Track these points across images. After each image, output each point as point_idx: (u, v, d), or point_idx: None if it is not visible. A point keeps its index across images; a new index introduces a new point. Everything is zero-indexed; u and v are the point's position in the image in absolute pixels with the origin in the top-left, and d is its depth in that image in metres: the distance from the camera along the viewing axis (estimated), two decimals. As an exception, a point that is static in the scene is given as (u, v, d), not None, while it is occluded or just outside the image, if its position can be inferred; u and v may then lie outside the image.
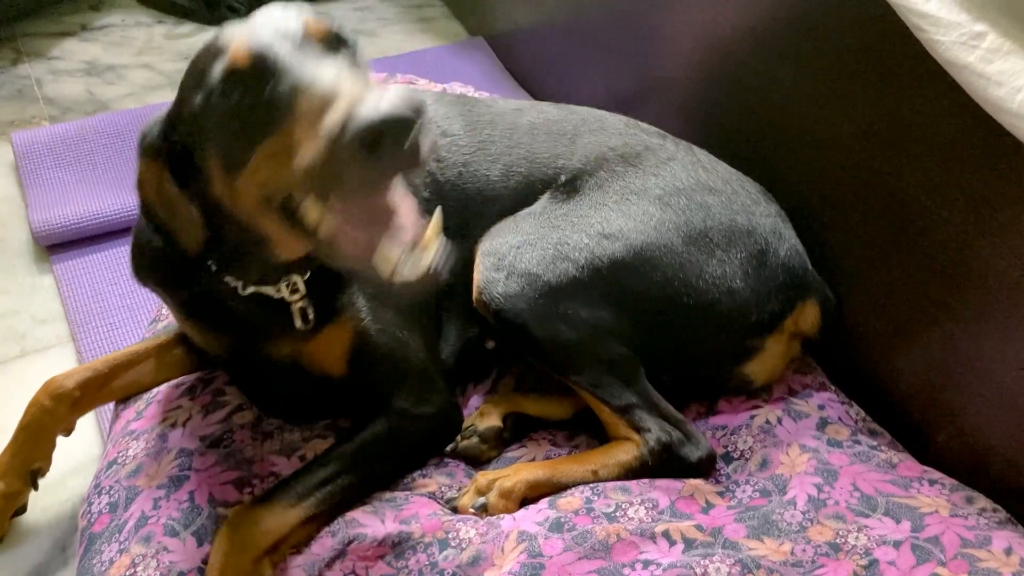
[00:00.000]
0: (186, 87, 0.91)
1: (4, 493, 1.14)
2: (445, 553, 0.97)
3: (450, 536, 0.99)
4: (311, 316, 1.04)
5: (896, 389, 1.19)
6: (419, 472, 1.12)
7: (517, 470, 1.09)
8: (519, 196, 1.20)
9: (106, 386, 1.19)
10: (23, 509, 1.18)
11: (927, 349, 1.14)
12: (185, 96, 0.90)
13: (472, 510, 1.06)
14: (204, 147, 0.90)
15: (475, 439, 1.16)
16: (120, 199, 1.68)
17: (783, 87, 1.28)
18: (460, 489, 1.10)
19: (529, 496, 1.06)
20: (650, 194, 1.16)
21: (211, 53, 0.87)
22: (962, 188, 1.04)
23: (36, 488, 1.16)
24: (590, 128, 1.24)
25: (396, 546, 0.98)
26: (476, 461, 1.16)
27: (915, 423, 1.17)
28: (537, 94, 2.02)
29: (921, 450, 1.13)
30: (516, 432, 1.20)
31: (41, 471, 1.16)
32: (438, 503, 1.08)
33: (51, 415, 1.14)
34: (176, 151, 0.93)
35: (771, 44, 1.29)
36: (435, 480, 1.11)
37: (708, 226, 1.13)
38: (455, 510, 1.07)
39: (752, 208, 1.18)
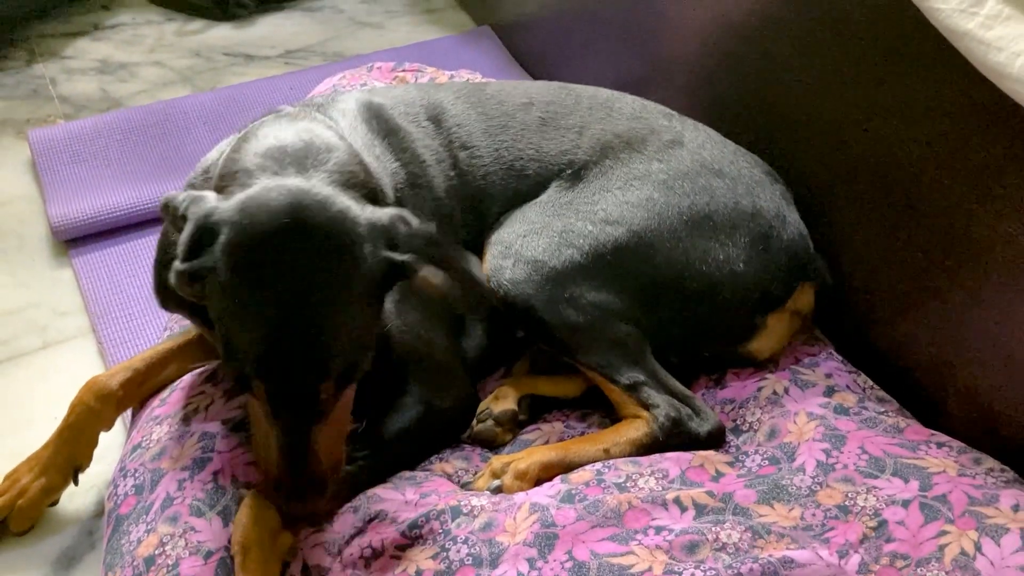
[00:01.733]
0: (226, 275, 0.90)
1: (45, 487, 1.17)
2: (458, 521, 0.99)
3: (462, 504, 1.01)
4: None
5: (905, 359, 1.21)
6: (436, 456, 1.15)
7: (531, 452, 1.11)
8: (530, 193, 1.23)
9: (145, 383, 1.23)
10: (55, 501, 1.21)
11: (935, 318, 1.15)
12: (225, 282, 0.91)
13: (487, 492, 1.08)
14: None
15: (490, 422, 1.17)
16: (135, 193, 1.71)
17: (788, 65, 1.30)
18: (476, 473, 1.12)
19: (543, 477, 1.08)
20: (653, 179, 1.18)
21: None
22: (965, 156, 1.05)
23: (76, 483, 1.19)
24: (597, 117, 1.26)
25: (411, 519, 1.00)
26: (491, 444, 1.18)
27: (925, 392, 1.18)
28: (543, 80, 2.03)
29: (931, 419, 1.14)
30: (531, 413, 1.22)
31: (82, 467, 1.19)
32: (455, 485, 1.10)
33: (96, 415, 1.18)
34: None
35: (776, 23, 1.30)
36: (452, 464, 1.14)
37: (712, 210, 1.16)
38: (471, 492, 1.09)
39: (757, 191, 1.20)
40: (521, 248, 1.14)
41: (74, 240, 1.68)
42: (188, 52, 2.24)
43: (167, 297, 1.12)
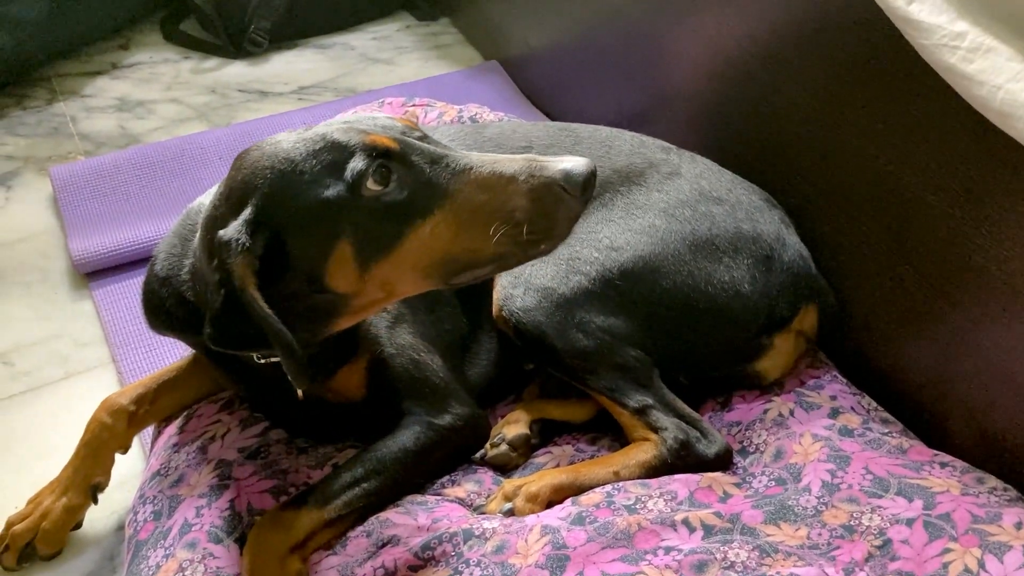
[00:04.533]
0: (291, 187, 0.91)
1: (66, 507, 1.20)
2: (470, 543, 1.00)
3: (474, 527, 1.02)
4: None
5: (906, 381, 1.23)
6: (448, 478, 1.16)
7: (542, 475, 1.13)
8: None
9: (156, 401, 1.25)
10: (79, 524, 1.24)
11: (935, 340, 1.17)
12: (290, 195, 0.91)
13: (499, 514, 1.09)
14: (324, 240, 0.92)
15: (504, 447, 1.19)
16: (154, 226, 1.74)
17: (787, 95, 1.33)
18: (488, 496, 1.14)
19: (554, 499, 1.10)
20: (655, 208, 1.21)
21: (327, 151, 0.91)
22: (960, 181, 1.07)
23: (96, 502, 1.22)
24: (596, 155, 1.29)
25: (424, 541, 1.02)
26: (505, 468, 1.20)
27: (926, 413, 1.20)
28: (551, 113, 2.07)
29: (933, 439, 1.16)
30: (542, 437, 1.24)
31: (101, 485, 1.21)
32: (466, 509, 1.12)
33: (110, 430, 1.20)
34: (259, 251, 0.91)
35: (774, 55, 1.34)
36: (464, 487, 1.15)
37: (714, 234, 1.19)
38: (483, 515, 1.11)
39: (756, 215, 1.23)
40: (530, 277, 1.17)
41: (94, 273, 1.71)
42: (204, 89, 2.29)
43: (157, 320, 1.15)
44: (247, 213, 0.92)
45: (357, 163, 0.90)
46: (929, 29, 0.95)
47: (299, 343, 0.99)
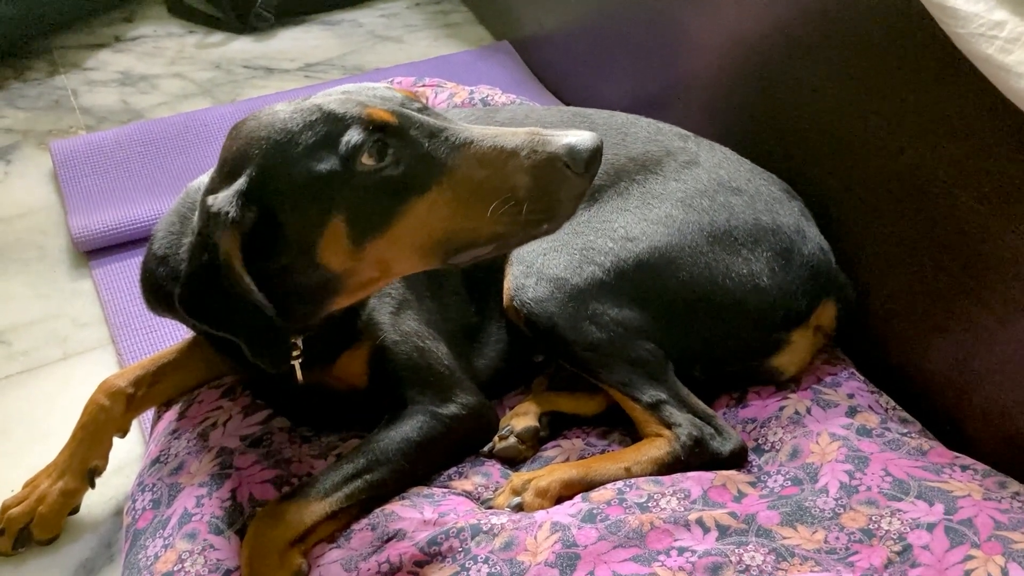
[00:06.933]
0: (285, 159, 0.89)
1: (63, 491, 1.17)
2: (477, 539, 0.98)
3: (482, 522, 1.00)
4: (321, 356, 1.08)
5: (926, 378, 1.20)
6: (455, 470, 1.14)
7: (552, 470, 1.10)
8: None
9: (156, 384, 1.23)
10: (76, 509, 1.22)
11: (957, 338, 1.14)
12: (284, 167, 0.89)
13: (508, 509, 1.07)
14: (317, 215, 0.89)
15: (513, 439, 1.17)
16: (156, 204, 1.71)
17: (809, 83, 1.30)
18: (496, 489, 1.12)
19: (564, 495, 1.08)
20: (672, 197, 1.18)
21: (322, 123, 0.88)
22: (990, 176, 1.04)
23: (93, 487, 1.20)
24: (611, 142, 1.25)
25: (431, 535, 1.00)
26: (513, 461, 1.17)
27: (946, 412, 1.17)
28: (563, 96, 2.04)
29: (952, 439, 1.14)
30: (551, 430, 1.21)
31: (98, 470, 1.19)
32: (474, 503, 1.10)
33: (107, 413, 1.18)
34: (248, 225, 0.89)
35: (797, 40, 1.30)
36: (471, 480, 1.13)
37: (732, 225, 1.16)
38: (490, 509, 1.09)
39: (775, 207, 1.20)
40: (543, 266, 1.15)
41: (94, 251, 1.69)
42: (209, 64, 2.26)
43: (156, 300, 1.12)
44: (240, 183, 0.89)
45: (352, 136, 0.87)
46: (966, 17, 0.92)
47: (296, 322, 0.98)
